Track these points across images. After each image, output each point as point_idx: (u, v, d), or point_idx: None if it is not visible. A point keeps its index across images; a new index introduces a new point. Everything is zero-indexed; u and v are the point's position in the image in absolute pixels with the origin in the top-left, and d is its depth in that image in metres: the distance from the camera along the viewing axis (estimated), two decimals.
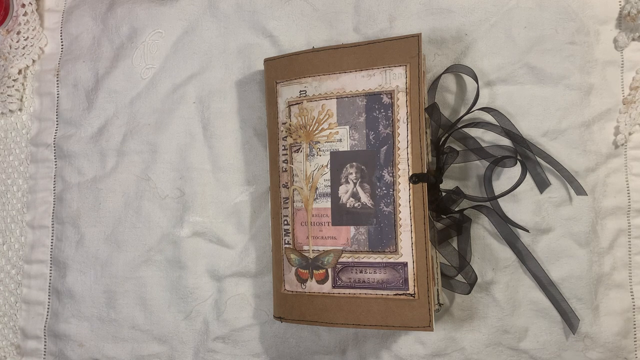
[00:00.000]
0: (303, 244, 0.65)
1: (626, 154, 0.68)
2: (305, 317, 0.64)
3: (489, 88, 0.69)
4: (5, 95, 0.79)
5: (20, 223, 0.80)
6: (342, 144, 0.63)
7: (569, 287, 0.67)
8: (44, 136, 0.79)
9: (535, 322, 0.67)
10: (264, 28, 0.74)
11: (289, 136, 0.66)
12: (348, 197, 0.63)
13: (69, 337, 0.76)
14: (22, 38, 0.78)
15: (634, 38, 0.67)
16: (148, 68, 0.77)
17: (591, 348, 0.66)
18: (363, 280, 0.62)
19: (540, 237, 0.67)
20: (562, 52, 0.68)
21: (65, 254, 0.77)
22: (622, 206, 0.67)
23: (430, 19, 0.70)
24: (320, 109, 0.64)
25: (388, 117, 0.62)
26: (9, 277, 0.80)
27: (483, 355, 0.68)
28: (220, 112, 0.75)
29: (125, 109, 0.77)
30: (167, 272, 0.75)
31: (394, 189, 0.61)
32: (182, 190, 0.75)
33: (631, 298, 0.67)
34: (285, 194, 0.66)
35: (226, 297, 0.73)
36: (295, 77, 0.66)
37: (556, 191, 0.67)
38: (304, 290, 0.64)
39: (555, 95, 0.68)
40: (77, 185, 0.77)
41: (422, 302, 0.60)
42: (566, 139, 0.67)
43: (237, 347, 0.73)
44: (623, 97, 0.68)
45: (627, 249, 0.67)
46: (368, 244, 0.62)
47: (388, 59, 0.62)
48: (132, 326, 0.75)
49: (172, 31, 0.76)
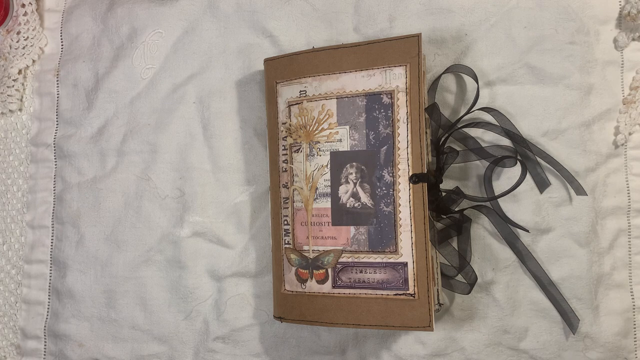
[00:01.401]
0: (303, 244, 0.65)
1: (626, 154, 0.68)
2: (305, 317, 0.64)
3: (489, 88, 0.69)
4: (5, 95, 0.79)
5: (20, 223, 0.80)
6: (342, 144, 0.63)
7: (569, 287, 0.67)
8: (44, 136, 0.79)
9: (535, 322, 0.67)
10: (264, 28, 0.74)
11: (289, 136, 0.66)
12: (348, 197, 0.63)
13: (69, 337, 0.76)
14: (22, 38, 0.78)
15: (634, 38, 0.67)
16: (148, 68, 0.77)
17: (591, 348, 0.66)
18: (363, 280, 0.62)
19: (540, 237, 0.67)
20: (562, 52, 0.68)
21: (65, 254, 0.77)
22: (622, 206, 0.67)
23: (430, 19, 0.70)
24: (320, 109, 0.64)
25: (388, 117, 0.62)
26: (9, 277, 0.80)
27: (483, 355, 0.68)
28: (220, 112, 0.75)
29: (125, 109, 0.77)
30: (167, 272, 0.75)
31: (394, 189, 0.61)
32: (182, 190, 0.75)
33: (631, 298, 0.67)
34: (285, 194, 0.66)
35: (226, 297, 0.73)
36: (295, 77, 0.66)
37: (556, 191, 0.67)
38: (304, 290, 0.64)
39: (555, 95, 0.68)
40: (77, 185, 0.77)
41: (422, 302, 0.60)
42: (566, 139, 0.67)
43: (237, 347, 0.73)
44: (623, 97, 0.68)
45: (627, 249, 0.67)
46: (368, 244, 0.62)
47: (388, 59, 0.62)
48: (132, 326, 0.75)
49: (172, 31, 0.76)
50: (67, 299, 0.77)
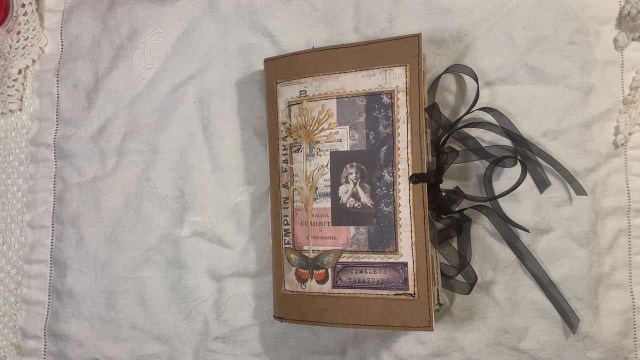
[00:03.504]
0: (303, 243, 0.65)
1: (626, 154, 0.68)
2: (305, 317, 0.64)
3: (489, 88, 0.69)
4: (5, 95, 0.79)
5: (20, 223, 0.80)
6: (342, 144, 0.63)
7: (569, 287, 0.67)
8: (44, 136, 0.79)
9: (535, 322, 0.67)
10: (264, 28, 0.74)
11: (289, 136, 0.66)
12: (348, 197, 0.63)
13: (69, 337, 0.76)
14: (22, 38, 0.78)
15: (634, 38, 0.67)
16: (148, 68, 0.77)
17: (591, 348, 0.66)
18: (363, 280, 0.62)
19: (540, 237, 0.67)
20: (562, 52, 0.68)
21: (65, 254, 0.77)
22: (622, 206, 0.67)
23: (430, 19, 0.70)
24: (320, 109, 0.64)
25: (388, 117, 0.62)
26: (9, 277, 0.80)
27: (483, 355, 0.68)
28: (220, 112, 0.75)
29: (125, 109, 0.77)
30: (167, 272, 0.75)
31: (394, 189, 0.61)
32: (182, 190, 0.75)
33: (631, 298, 0.67)
34: (285, 194, 0.66)
35: (226, 297, 0.73)
36: (295, 77, 0.66)
37: (556, 191, 0.67)
38: (304, 290, 0.64)
39: (555, 95, 0.68)
40: (77, 185, 0.77)
41: (422, 302, 0.60)
42: (566, 139, 0.67)
43: (237, 347, 0.73)
44: (623, 97, 0.68)
45: (627, 249, 0.67)
46: (368, 244, 0.62)
47: (388, 59, 0.62)
48: (132, 326, 0.75)
49: (172, 31, 0.76)
50: (67, 299, 0.77)
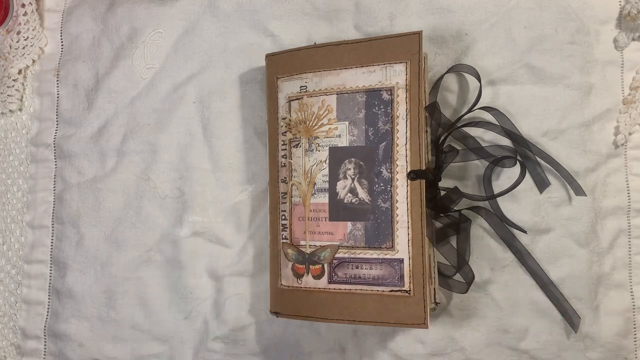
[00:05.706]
0: (300, 239, 0.65)
1: (626, 154, 0.68)
2: (301, 312, 0.64)
3: (489, 88, 0.69)
4: (5, 95, 0.79)
5: (20, 223, 0.80)
6: (341, 140, 0.63)
7: (569, 287, 0.66)
8: (44, 136, 0.79)
9: (535, 322, 0.67)
10: (264, 27, 0.74)
11: (288, 131, 0.66)
12: (346, 192, 0.63)
13: (69, 337, 0.76)
14: (22, 38, 0.79)
15: (634, 38, 0.67)
16: (148, 68, 0.77)
17: (591, 348, 0.66)
18: (359, 276, 0.62)
19: (539, 237, 0.67)
20: (562, 52, 0.68)
21: (65, 254, 0.77)
22: (622, 206, 0.67)
23: (430, 18, 0.70)
24: (320, 105, 0.64)
25: (387, 114, 0.62)
26: (9, 277, 0.80)
27: (483, 355, 0.68)
28: (220, 112, 0.75)
29: (125, 109, 0.77)
30: (167, 272, 0.75)
31: (392, 185, 0.61)
32: (182, 190, 0.75)
33: (631, 298, 0.67)
34: (284, 189, 0.66)
35: (225, 296, 0.73)
36: (296, 72, 0.66)
37: (556, 191, 0.67)
38: (300, 286, 0.64)
39: (555, 95, 0.68)
40: (77, 185, 0.77)
41: (417, 299, 0.60)
42: (566, 139, 0.67)
43: (237, 346, 0.73)
44: (623, 97, 0.68)
45: (627, 249, 0.67)
46: (364, 240, 0.62)
47: (389, 55, 0.62)
48: (132, 326, 0.75)
49: (172, 31, 0.77)
50: (67, 299, 0.76)
